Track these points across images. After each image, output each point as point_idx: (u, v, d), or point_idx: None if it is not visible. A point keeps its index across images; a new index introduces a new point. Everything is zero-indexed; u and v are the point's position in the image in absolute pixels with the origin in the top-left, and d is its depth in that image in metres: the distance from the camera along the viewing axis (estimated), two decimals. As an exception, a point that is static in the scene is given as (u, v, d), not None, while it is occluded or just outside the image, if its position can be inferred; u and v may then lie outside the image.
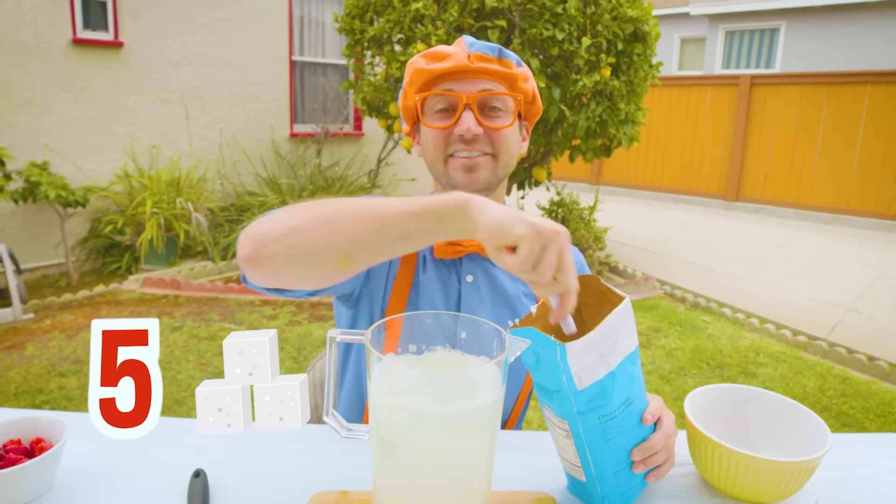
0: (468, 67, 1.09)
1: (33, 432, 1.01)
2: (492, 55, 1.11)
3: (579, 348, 0.78)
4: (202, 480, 0.95)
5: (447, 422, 0.70)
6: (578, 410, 0.83)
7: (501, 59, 1.11)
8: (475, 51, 1.10)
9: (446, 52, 1.10)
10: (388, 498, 0.76)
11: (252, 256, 0.86)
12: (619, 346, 0.84)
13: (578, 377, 0.80)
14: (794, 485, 0.94)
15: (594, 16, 4.69)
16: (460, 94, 1.09)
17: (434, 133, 1.13)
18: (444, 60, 1.09)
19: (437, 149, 1.13)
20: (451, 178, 1.14)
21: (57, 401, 3.30)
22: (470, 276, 1.19)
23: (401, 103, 1.19)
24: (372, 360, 0.72)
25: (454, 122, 1.10)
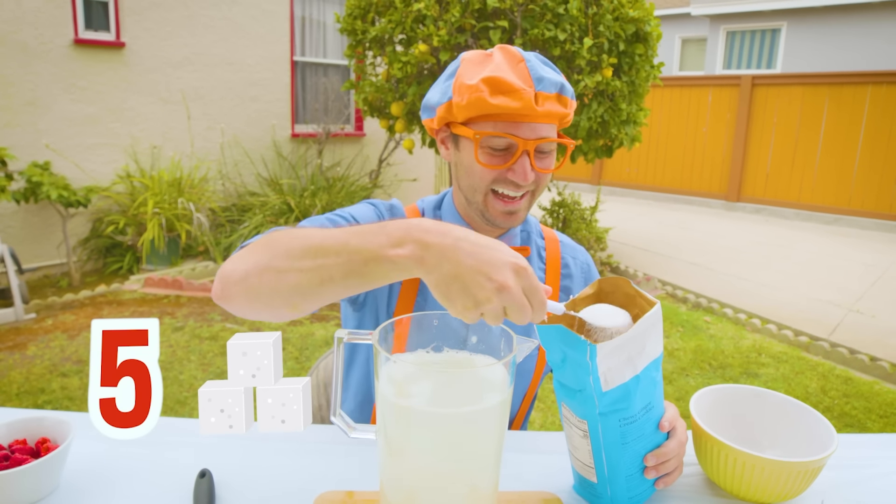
0: (534, 112, 1.03)
1: (39, 432, 1.01)
2: (554, 93, 1.05)
3: (609, 350, 0.79)
4: (208, 481, 0.95)
5: (455, 423, 0.70)
6: (601, 412, 0.84)
7: (561, 97, 1.07)
8: (542, 90, 1.03)
9: (513, 86, 1.01)
10: (396, 498, 0.76)
11: (219, 296, 0.88)
12: (647, 350, 0.84)
13: (605, 378, 0.81)
14: (800, 485, 0.94)
15: (596, 16, 4.69)
16: (521, 140, 1.05)
17: (483, 169, 1.09)
18: (510, 96, 1.01)
19: (482, 181, 1.10)
20: (488, 213, 1.14)
21: (59, 401, 3.30)
22: None
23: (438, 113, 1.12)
24: (380, 360, 0.72)
25: (509, 166, 1.07)
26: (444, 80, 1.12)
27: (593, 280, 1.23)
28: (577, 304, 0.90)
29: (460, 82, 1.05)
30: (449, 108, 1.08)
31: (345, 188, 6.68)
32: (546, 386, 3.65)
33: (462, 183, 1.15)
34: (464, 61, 1.09)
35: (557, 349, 0.83)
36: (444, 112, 1.09)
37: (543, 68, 1.07)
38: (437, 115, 1.12)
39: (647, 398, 0.87)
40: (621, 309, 0.86)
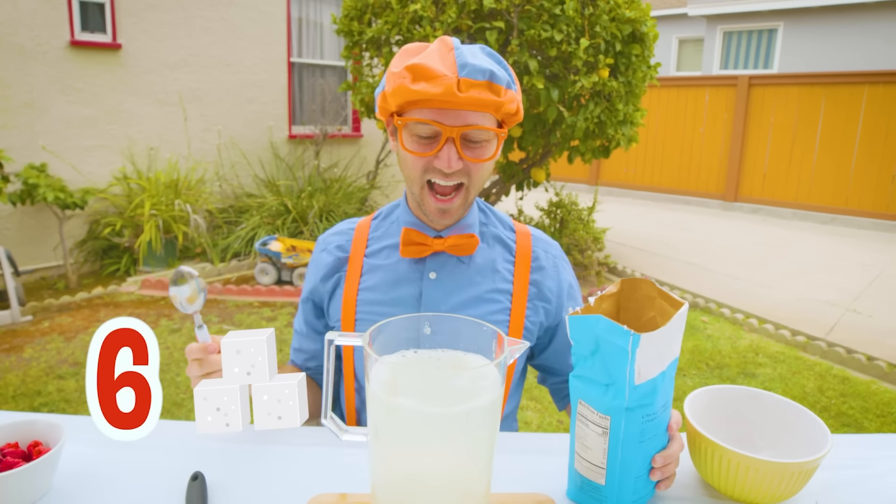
0: (456, 98, 1.01)
1: (31, 435, 1.01)
2: (482, 80, 1.02)
3: (650, 340, 0.80)
4: (200, 483, 0.95)
5: (446, 423, 0.69)
6: (628, 406, 0.84)
7: (492, 84, 1.03)
8: (466, 76, 1.01)
9: (434, 72, 1.00)
10: (387, 500, 0.75)
11: None
12: (672, 347, 0.85)
13: (639, 371, 0.81)
14: (795, 486, 0.94)
15: (592, 17, 4.69)
16: (444, 127, 1.04)
17: (413, 157, 1.09)
18: (431, 82, 1.00)
19: (414, 170, 1.11)
20: (425, 206, 1.15)
21: (55, 403, 3.30)
22: (433, 273, 1.19)
23: (378, 103, 1.13)
24: (370, 361, 0.72)
25: (434, 154, 1.07)
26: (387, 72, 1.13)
27: (565, 274, 1.28)
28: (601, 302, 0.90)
29: (390, 71, 1.07)
30: (384, 99, 1.09)
31: (342, 189, 6.68)
32: (544, 387, 3.64)
33: (403, 174, 1.16)
34: (401, 51, 1.10)
35: (590, 340, 0.83)
36: (381, 102, 1.11)
37: (475, 56, 1.04)
38: (378, 107, 1.13)
39: (666, 396, 0.88)
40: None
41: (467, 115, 1.05)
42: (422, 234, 1.17)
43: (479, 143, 1.09)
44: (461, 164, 1.07)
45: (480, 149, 1.09)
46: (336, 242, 1.27)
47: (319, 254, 1.29)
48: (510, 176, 5.62)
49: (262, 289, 5.10)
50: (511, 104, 1.07)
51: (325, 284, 1.26)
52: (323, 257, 1.27)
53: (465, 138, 1.07)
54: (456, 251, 1.17)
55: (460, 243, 1.16)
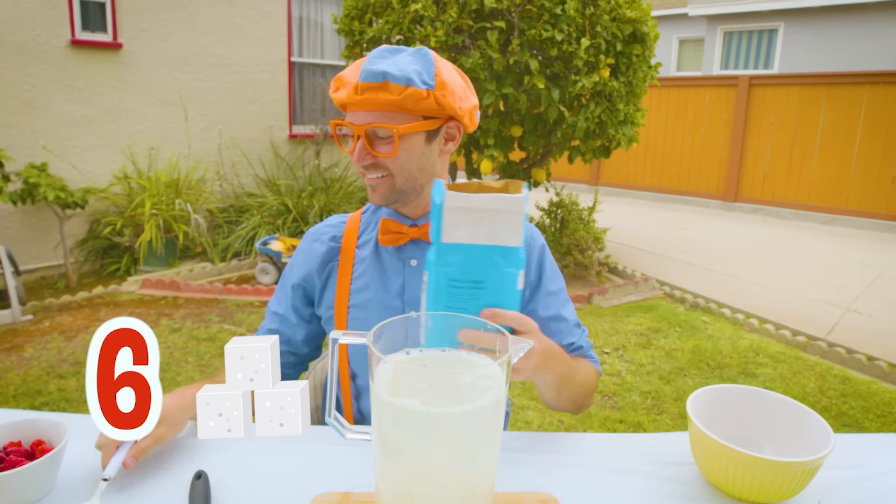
0: (355, 100, 1.13)
1: (34, 434, 1.01)
2: (376, 82, 1.11)
3: (456, 200, 0.86)
4: (203, 482, 0.95)
5: (450, 422, 0.70)
6: (434, 261, 0.89)
7: (388, 84, 1.10)
8: (363, 80, 1.12)
9: (344, 80, 1.15)
10: (391, 499, 0.76)
11: None
12: (496, 233, 0.87)
13: (446, 228, 0.87)
14: (797, 485, 0.94)
15: (593, 17, 4.69)
16: (353, 126, 1.15)
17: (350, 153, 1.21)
18: (340, 90, 1.15)
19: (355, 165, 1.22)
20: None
21: (56, 402, 3.30)
22: (414, 260, 1.26)
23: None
24: (374, 361, 0.72)
25: (351, 150, 1.18)
26: None
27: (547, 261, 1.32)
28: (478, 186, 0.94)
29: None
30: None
31: (342, 189, 6.68)
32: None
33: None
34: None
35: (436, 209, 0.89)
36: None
37: (376, 61, 1.13)
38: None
39: (478, 275, 0.89)
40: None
41: (369, 113, 1.15)
42: (397, 223, 1.25)
43: (387, 139, 1.16)
44: (370, 159, 1.17)
45: (388, 144, 1.17)
46: (329, 234, 1.34)
47: (312, 244, 1.34)
48: (511, 176, 5.62)
49: (262, 288, 5.10)
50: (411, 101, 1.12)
51: (321, 274, 1.32)
52: (316, 247, 1.33)
53: (373, 135, 1.16)
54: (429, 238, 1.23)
55: None
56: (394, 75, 1.11)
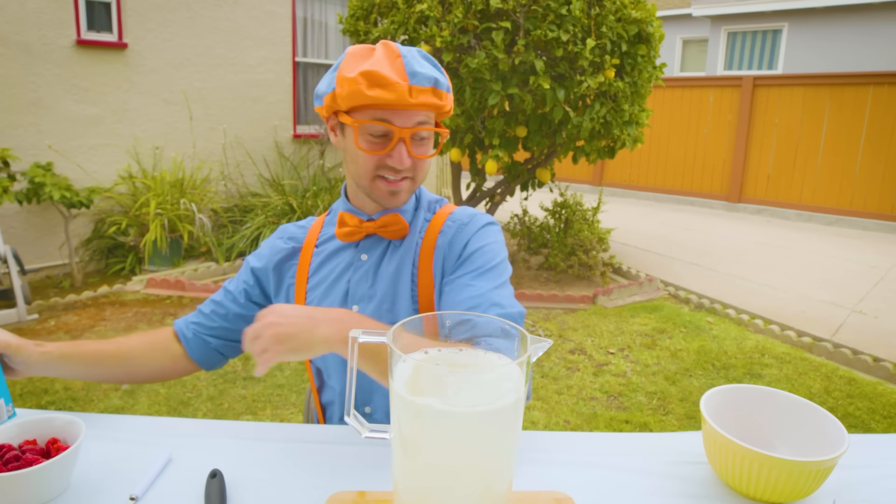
0: (406, 102, 1.11)
1: (49, 432, 1.01)
2: (428, 87, 1.13)
3: None
4: (219, 480, 0.95)
5: (470, 422, 0.70)
6: None
7: (436, 90, 1.14)
8: (415, 84, 1.11)
9: (388, 79, 1.09)
10: (410, 498, 0.76)
11: None
12: None
13: None
14: (812, 485, 0.94)
15: (598, 17, 4.69)
16: (396, 128, 1.13)
17: (366, 155, 1.17)
18: (385, 89, 1.09)
19: (366, 167, 1.18)
20: (375, 195, 1.21)
21: (62, 401, 3.30)
22: (364, 255, 1.27)
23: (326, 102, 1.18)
24: (394, 359, 0.72)
25: (387, 152, 1.15)
26: (331, 72, 1.18)
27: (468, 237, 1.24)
28: None
29: (341, 75, 1.12)
30: (333, 98, 1.15)
31: (347, 189, 6.68)
32: (550, 387, 3.65)
33: (350, 168, 1.23)
34: (347, 55, 1.16)
35: None
36: (329, 101, 1.17)
37: (420, 63, 1.15)
38: (325, 103, 1.19)
39: None
40: None
41: (416, 115, 1.15)
42: (354, 216, 1.25)
43: (425, 141, 1.20)
44: (410, 162, 1.17)
45: (425, 146, 1.20)
46: (295, 234, 1.36)
47: (276, 240, 1.36)
48: (515, 176, 5.62)
49: (267, 288, 5.10)
50: (449, 105, 1.20)
51: (277, 271, 1.33)
52: (279, 245, 1.35)
53: (413, 137, 1.17)
54: (386, 233, 1.24)
55: (388, 223, 1.23)
56: (441, 82, 1.15)
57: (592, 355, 4.12)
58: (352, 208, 1.29)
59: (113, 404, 3.30)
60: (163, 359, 1.31)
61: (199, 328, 1.32)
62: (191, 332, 1.32)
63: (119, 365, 1.26)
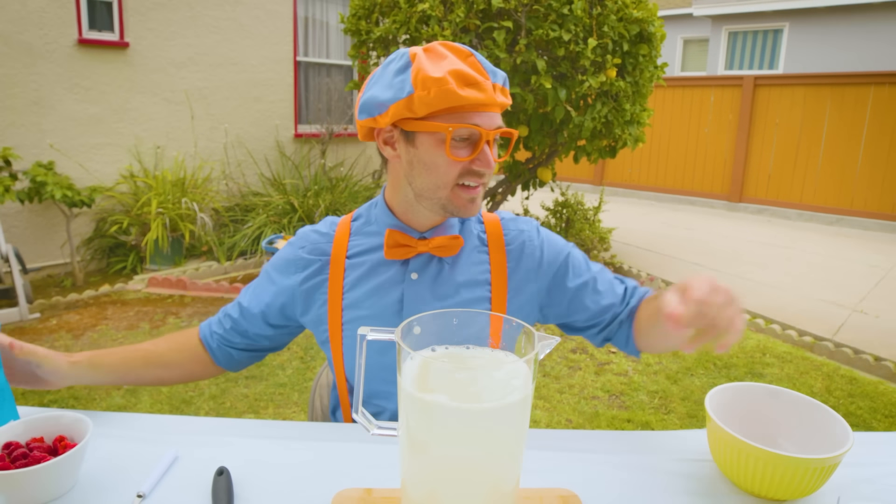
0: (494, 101, 1.08)
1: (56, 430, 1.02)
2: (502, 85, 1.11)
3: None
4: (226, 478, 0.95)
5: (478, 418, 0.70)
6: None
7: (504, 89, 1.13)
8: (498, 82, 1.09)
9: (475, 79, 1.05)
10: (418, 495, 0.76)
11: None
12: None
13: None
14: (817, 482, 0.94)
15: (600, 17, 4.69)
16: (483, 130, 1.08)
17: (451, 162, 1.10)
18: (475, 88, 1.05)
19: (447, 175, 1.11)
20: (453, 205, 1.14)
21: (65, 400, 3.31)
22: (415, 273, 1.20)
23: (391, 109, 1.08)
24: (402, 356, 0.72)
25: (474, 156, 1.10)
26: (394, 76, 1.08)
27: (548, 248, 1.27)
28: None
29: (424, 75, 1.03)
30: (409, 104, 1.05)
31: (348, 188, 6.69)
32: (552, 386, 3.65)
33: (419, 182, 1.13)
34: (418, 57, 1.07)
35: None
36: (401, 108, 1.06)
37: (488, 62, 1.12)
38: (389, 112, 1.08)
39: None
40: None
41: (496, 116, 1.11)
42: (406, 235, 1.18)
43: (497, 143, 1.17)
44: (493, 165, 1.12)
45: (496, 148, 1.17)
46: (317, 243, 1.26)
47: (299, 251, 1.26)
48: (516, 175, 5.62)
49: (268, 287, 5.10)
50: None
51: (307, 290, 1.24)
52: (303, 258, 1.25)
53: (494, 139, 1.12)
54: (440, 252, 1.19)
55: (445, 244, 1.18)
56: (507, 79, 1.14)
57: (594, 354, 4.13)
58: (400, 224, 1.21)
59: (115, 403, 3.31)
60: (191, 364, 1.30)
61: (223, 341, 1.31)
62: (215, 342, 1.30)
63: (148, 371, 1.26)
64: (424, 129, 1.07)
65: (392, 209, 1.22)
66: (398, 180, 1.18)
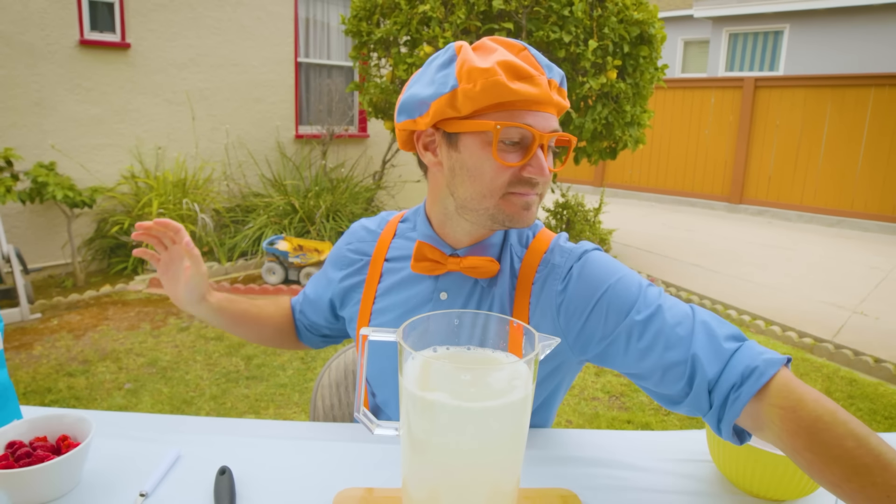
0: (550, 100, 0.95)
1: (59, 430, 1.02)
2: (558, 82, 0.98)
3: None
4: (228, 477, 0.96)
5: (480, 418, 0.71)
6: None
7: (562, 89, 1.00)
8: (554, 78, 0.97)
9: (528, 72, 0.92)
10: (419, 493, 0.77)
11: None
12: None
13: None
14: (814, 482, 0.95)
15: (601, 18, 4.70)
16: (537, 132, 0.94)
17: (498, 167, 0.96)
18: (528, 82, 0.92)
19: (494, 181, 0.97)
20: (504, 214, 1.00)
21: (66, 400, 3.31)
22: (444, 293, 1.10)
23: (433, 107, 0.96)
24: (404, 356, 0.73)
25: (526, 161, 0.96)
26: (438, 71, 0.97)
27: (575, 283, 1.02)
28: None
29: (470, 66, 0.91)
30: (451, 100, 0.93)
31: (349, 189, 6.69)
32: (551, 387, 3.65)
33: (463, 190, 1.00)
34: (464, 49, 0.96)
35: None
36: (443, 105, 0.94)
37: (556, 67, 1.01)
38: (430, 111, 0.96)
39: None
40: None
41: (553, 119, 0.98)
42: (436, 250, 1.07)
43: (556, 149, 1.04)
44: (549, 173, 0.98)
45: (556, 156, 1.04)
46: (363, 241, 1.23)
47: (345, 251, 1.25)
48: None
49: (269, 288, 5.11)
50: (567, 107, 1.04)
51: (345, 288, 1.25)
52: (348, 256, 1.24)
53: (549, 145, 0.99)
54: (472, 273, 1.05)
55: (478, 265, 1.05)
56: (565, 79, 1.00)
57: (594, 356, 4.13)
58: (434, 237, 1.10)
59: (116, 403, 3.31)
60: (288, 331, 1.38)
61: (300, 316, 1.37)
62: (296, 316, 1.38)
63: (256, 328, 1.32)
64: (469, 129, 0.95)
65: (430, 220, 1.12)
66: (439, 190, 1.06)
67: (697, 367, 0.88)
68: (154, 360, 3.84)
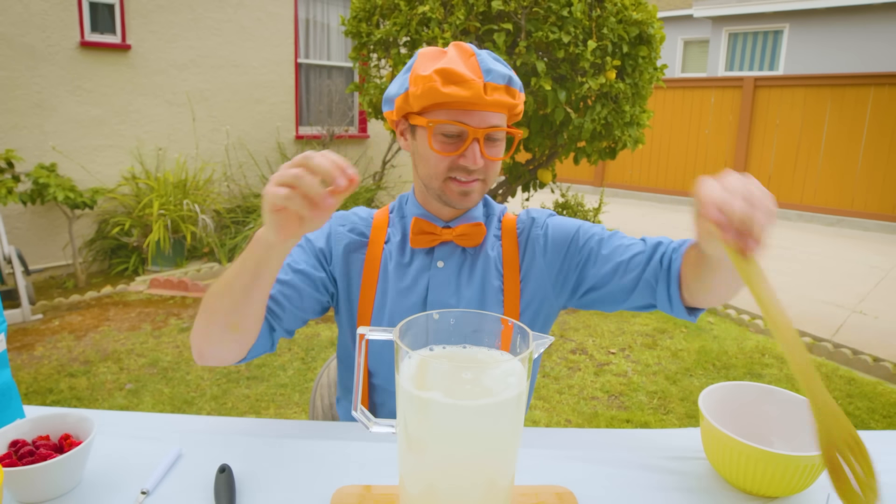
0: (483, 101, 1.11)
1: (62, 428, 1.04)
2: (502, 84, 1.13)
3: None
4: (228, 475, 0.97)
5: (475, 415, 0.72)
6: None
7: (510, 89, 1.15)
8: (490, 81, 1.11)
9: (463, 76, 1.09)
10: (415, 491, 0.78)
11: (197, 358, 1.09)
12: None
13: None
14: (807, 479, 0.96)
15: (600, 19, 4.71)
16: (470, 128, 1.12)
17: (438, 155, 1.16)
18: (461, 86, 1.09)
19: (436, 167, 1.18)
20: (446, 197, 1.21)
21: (67, 401, 3.33)
22: (441, 262, 1.26)
23: (397, 104, 1.18)
24: (400, 355, 0.74)
25: (461, 153, 1.15)
26: (403, 74, 1.19)
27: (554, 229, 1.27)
28: None
29: (416, 74, 1.13)
30: (406, 99, 1.15)
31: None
32: (552, 386, 3.66)
33: (420, 171, 1.22)
34: (420, 55, 1.17)
35: None
36: (401, 103, 1.17)
37: (493, 62, 1.15)
38: (395, 107, 1.19)
39: None
40: None
41: (490, 116, 1.14)
42: (431, 223, 1.24)
43: (497, 142, 1.19)
44: (483, 162, 1.16)
45: (497, 147, 1.19)
46: (356, 224, 1.30)
47: (336, 226, 1.28)
48: (516, 177, 5.64)
49: (269, 288, 5.12)
50: (521, 106, 1.21)
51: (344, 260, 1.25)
52: (340, 231, 1.27)
53: (486, 138, 1.16)
54: (463, 241, 1.24)
55: (468, 232, 1.24)
56: (515, 80, 1.16)
57: (593, 355, 4.14)
58: (426, 213, 1.27)
59: (117, 403, 3.33)
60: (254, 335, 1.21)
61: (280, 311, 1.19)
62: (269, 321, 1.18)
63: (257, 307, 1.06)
64: (418, 122, 1.16)
65: (418, 199, 1.30)
66: (414, 171, 1.27)
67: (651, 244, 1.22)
68: (155, 361, 3.85)
